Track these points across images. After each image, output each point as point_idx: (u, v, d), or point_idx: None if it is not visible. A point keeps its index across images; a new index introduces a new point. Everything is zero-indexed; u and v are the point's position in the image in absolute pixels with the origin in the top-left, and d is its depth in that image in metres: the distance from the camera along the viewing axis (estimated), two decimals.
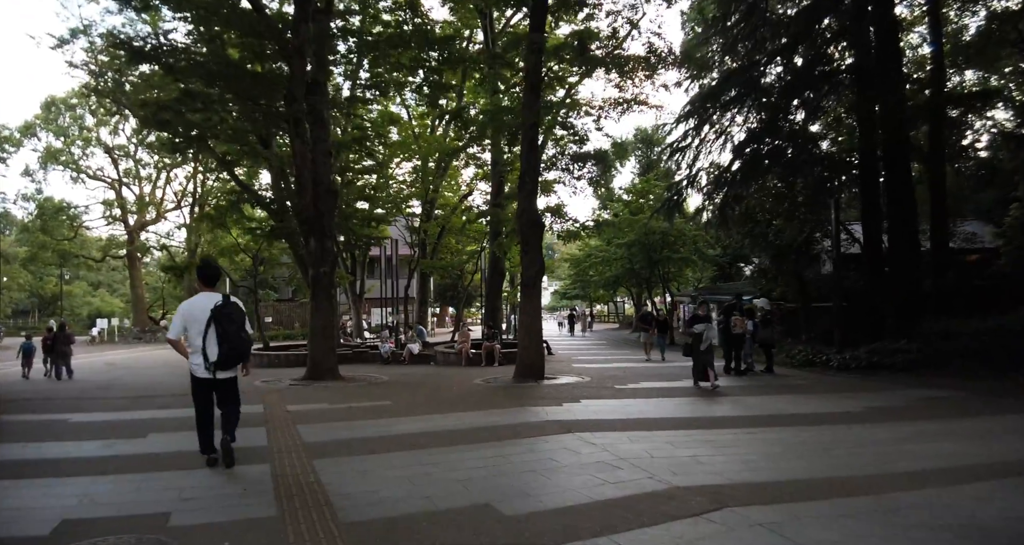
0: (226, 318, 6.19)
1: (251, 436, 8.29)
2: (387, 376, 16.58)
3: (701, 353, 12.33)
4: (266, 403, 11.91)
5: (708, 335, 12.44)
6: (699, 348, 12.36)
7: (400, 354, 20.98)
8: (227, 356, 6.21)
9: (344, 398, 12.36)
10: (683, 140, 18.89)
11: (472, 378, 15.30)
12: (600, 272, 32.39)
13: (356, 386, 14.53)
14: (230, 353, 6.22)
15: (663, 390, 12.39)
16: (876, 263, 18.82)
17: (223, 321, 6.16)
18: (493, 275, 21.88)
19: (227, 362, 6.26)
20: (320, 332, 15.88)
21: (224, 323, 6.17)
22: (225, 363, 6.25)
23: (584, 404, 10.53)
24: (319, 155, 15.80)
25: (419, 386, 14.25)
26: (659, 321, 19.39)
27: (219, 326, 6.15)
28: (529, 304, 14.35)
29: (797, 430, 8.05)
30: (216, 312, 6.16)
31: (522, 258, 14.72)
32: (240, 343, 6.30)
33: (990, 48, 21.23)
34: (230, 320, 6.22)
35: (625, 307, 56.85)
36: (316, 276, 15.87)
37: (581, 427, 8.19)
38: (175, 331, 6.39)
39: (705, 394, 11.66)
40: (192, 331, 6.27)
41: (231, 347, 6.19)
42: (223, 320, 6.17)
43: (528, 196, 14.40)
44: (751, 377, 15.01)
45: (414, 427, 8.65)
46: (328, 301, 15.97)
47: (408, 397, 12.23)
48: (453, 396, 12.23)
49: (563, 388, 12.90)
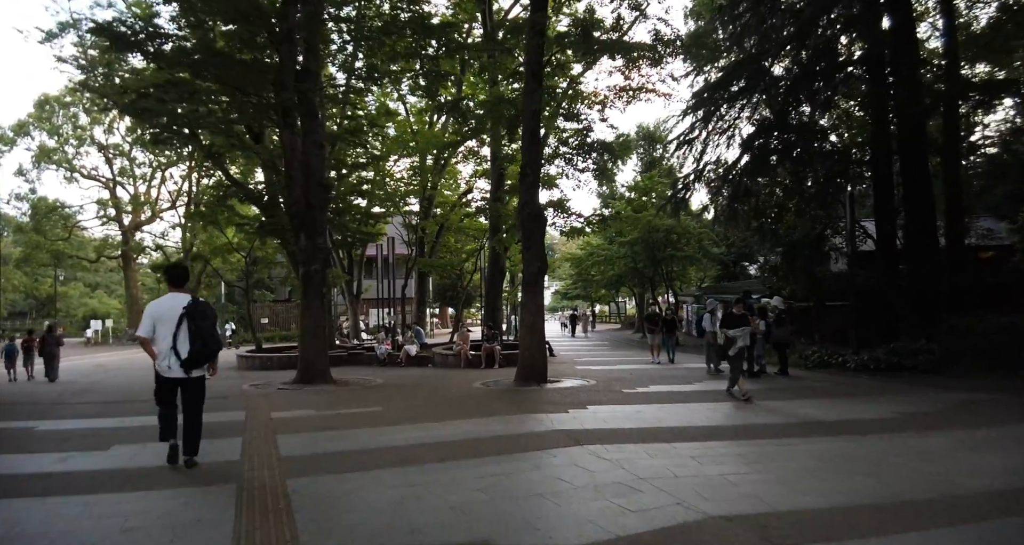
0: (200, 315, 6.19)
1: (225, 448, 7.45)
2: (382, 379, 15.71)
3: (732, 359, 11.22)
4: (250, 409, 11.05)
5: (737, 339, 11.03)
6: (729, 354, 11.21)
7: (397, 356, 20.12)
8: (199, 353, 6.18)
9: (334, 404, 11.48)
10: (690, 132, 18.02)
11: (471, 381, 14.42)
12: (602, 271, 31.50)
13: (348, 390, 13.65)
14: (202, 350, 6.19)
15: (676, 394, 11.50)
16: (890, 260, 17.94)
17: (197, 318, 6.15)
18: (493, 273, 20.96)
19: (199, 359, 6.22)
20: (311, 333, 15.01)
21: (198, 320, 6.16)
22: (196, 360, 6.20)
23: (592, 410, 9.64)
24: (310, 147, 14.93)
25: (415, 390, 13.37)
26: (666, 321, 18.40)
27: (192, 323, 6.12)
28: (531, 303, 13.47)
29: (832, 441, 7.16)
30: (189, 310, 6.15)
31: (523, 254, 13.84)
32: (213, 340, 6.29)
33: (1001, 41, 20.34)
34: (204, 317, 6.22)
35: (627, 307, 55.93)
36: (307, 274, 15.00)
37: (592, 438, 7.30)
38: (144, 329, 6.27)
39: (722, 399, 10.77)
40: (161, 331, 6.19)
41: (204, 344, 6.18)
42: (197, 317, 6.16)
43: (529, 189, 13.52)
44: (765, 380, 14.13)
45: (406, 438, 7.76)
46: (319, 301, 15.09)
47: (402, 402, 11.35)
48: (450, 401, 11.34)
49: (568, 392, 12.01)
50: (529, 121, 13.45)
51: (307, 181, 14.80)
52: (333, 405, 11.29)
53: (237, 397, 12.89)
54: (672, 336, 17.89)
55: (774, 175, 19.06)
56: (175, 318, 6.13)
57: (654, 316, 19.03)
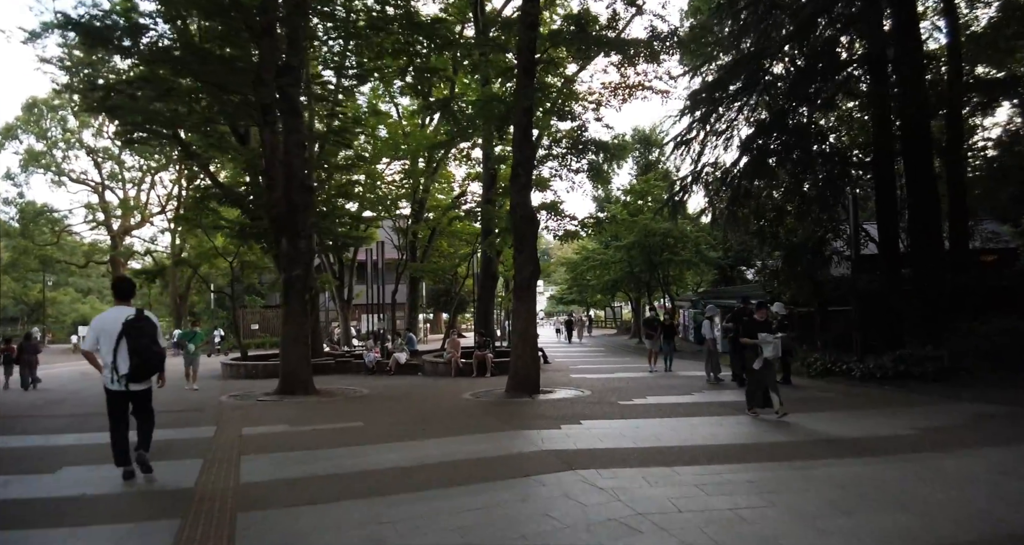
0: (137, 331, 6.12)
1: (182, 472, 6.73)
2: (368, 389, 14.96)
3: (757, 372, 9.67)
4: (222, 423, 10.32)
5: (766, 349, 9.50)
6: (754, 366, 9.68)
7: (386, 364, 19.36)
8: (137, 369, 6.14)
9: (312, 418, 10.74)
10: (688, 133, 17.34)
11: (461, 391, 13.69)
12: (598, 276, 30.79)
13: (330, 402, 12.90)
14: (140, 366, 6.15)
15: (675, 407, 10.77)
16: (893, 264, 17.27)
17: (134, 334, 6.10)
18: (485, 278, 20.22)
19: (138, 374, 6.18)
20: (292, 341, 14.27)
21: (135, 336, 6.11)
22: (135, 376, 6.16)
23: (586, 426, 8.92)
24: (292, 146, 14.23)
25: (401, 402, 12.63)
26: (665, 326, 17.75)
27: (130, 340, 6.09)
28: (523, 308, 12.75)
29: (851, 464, 6.44)
30: (127, 326, 6.11)
31: (515, 258, 13.13)
32: (151, 356, 6.21)
33: (1003, 41, 19.72)
34: (141, 333, 6.14)
35: (623, 312, 55.21)
36: (288, 279, 14.27)
37: (584, 461, 6.58)
38: (88, 343, 6.39)
39: (726, 413, 10.05)
40: (104, 345, 6.20)
41: (142, 360, 6.13)
42: (134, 333, 6.11)
43: (522, 190, 12.82)
44: None
45: (381, 460, 7.03)
46: (302, 307, 14.35)
47: (385, 416, 10.61)
48: (435, 415, 10.60)
49: (561, 404, 11.28)
50: (521, 119, 12.75)
51: (289, 182, 14.09)
52: (311, 419, 10.55)
53: (212, 410, 12.15)
54: (671, 343, 17.07)
55: (773, 177, 18.40)
56: (116, 333, 6.09)
57: (653, 321, 18.23)
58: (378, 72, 16.30)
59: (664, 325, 17.61)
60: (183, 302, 38.74)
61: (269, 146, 13.95)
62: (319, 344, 21.78)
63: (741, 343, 10.63)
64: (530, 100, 12.30)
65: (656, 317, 18.79)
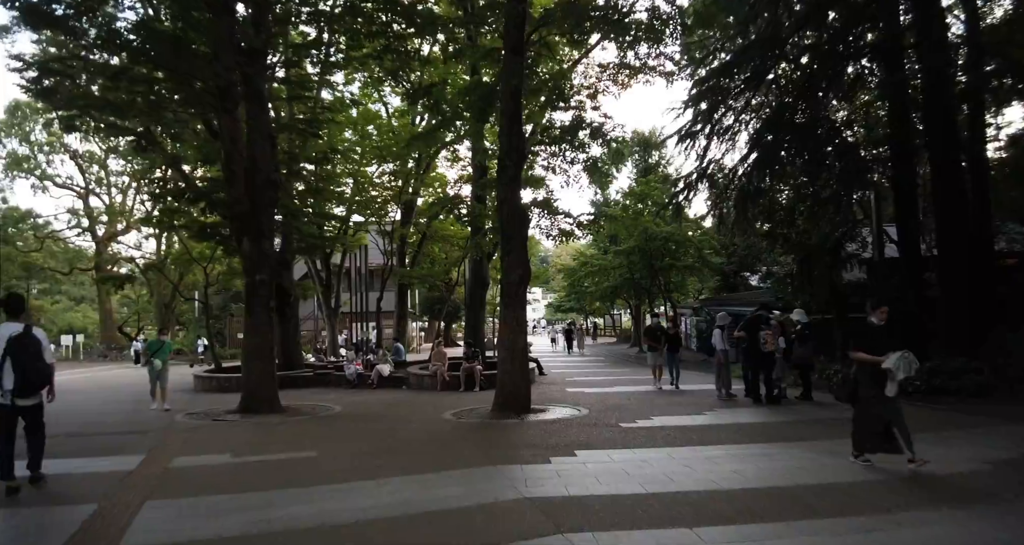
0: (21, 348, 6.16)
1: (55, 527, 5.14)
2: (341, 406, 13.33)
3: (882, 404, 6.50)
4: (155, 451, 8.72)
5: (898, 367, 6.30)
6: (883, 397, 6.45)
7: (368, 377, 17.70)
8: (22, 385, 6.18)
9: (264, 444, 9.10)
10: (693, 125, 15.76)
11: (443, 409, 12.05)
12: (597, 282, 29.17)
13: (294, 423, 11.25)
14: (24, 381, 6.19)
15: (686, 433, 9.12)
16: (914, 268, 15.66)
17: (18, 350, 6.15)
18: (475, 284, 18.56)
19: (23, 390, 6.22)
20: (255, 354, 12.66)
21: (18, 352, 6.15)
22: (21, 391, 6.21)
23: (581, 458, 7.29)
24: (257, 138, 12.68)
25: (372, 423, 10.98)
26: (669, 336, 15.38)
27: (14, 356, 6.12)
28: (511, 316, 11.13)
29: (938, 523, 4.81)
30: (12, 342, 6.16)
31: (502, 260, 11.54)
32: (35, 372, 6.26)
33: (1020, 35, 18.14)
34: (24, 349, 6.17)
35: (622, 320, 53.49)
36: (251, 285, 12.68)
37: (576, 517, 4.97)
38: None
39: (747, 441, 8.42)
40: None
41: (25, 376, 6.17)
42: (18, 349, 6.15)
43: (509, 182, 11.23)
44: (787, 406, 11.81)
45: (315, 510, 5.41)
46: (266, 315, 12.73)
47: (347, 444, 8.96)
48: (405, 442, 8.95)
49: (553, 427, 9.64)
50: (508, 103, 11.18)
51: (252, 177, 12.51)
52: (263, 446, 8.92)
53: (157, 432, 10.52)
54: (676, 354, 15.19)
55: (784, 175, 16.82)
56: (1, 349, 6.12)
57: (656, 331, 15.72)
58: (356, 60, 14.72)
59: (669, 335, 15.47)
60: (169, 310, 37.07)
61: (229, 136, 12.37)
62: (298, 355, 20.15)
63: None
64: (518, 79, 10.72)
65: (659, 326, 16.26)
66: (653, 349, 15.29)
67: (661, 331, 15.59)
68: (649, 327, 16.68)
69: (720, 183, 16.69)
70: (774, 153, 15.74)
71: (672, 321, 15.71)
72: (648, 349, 15.66)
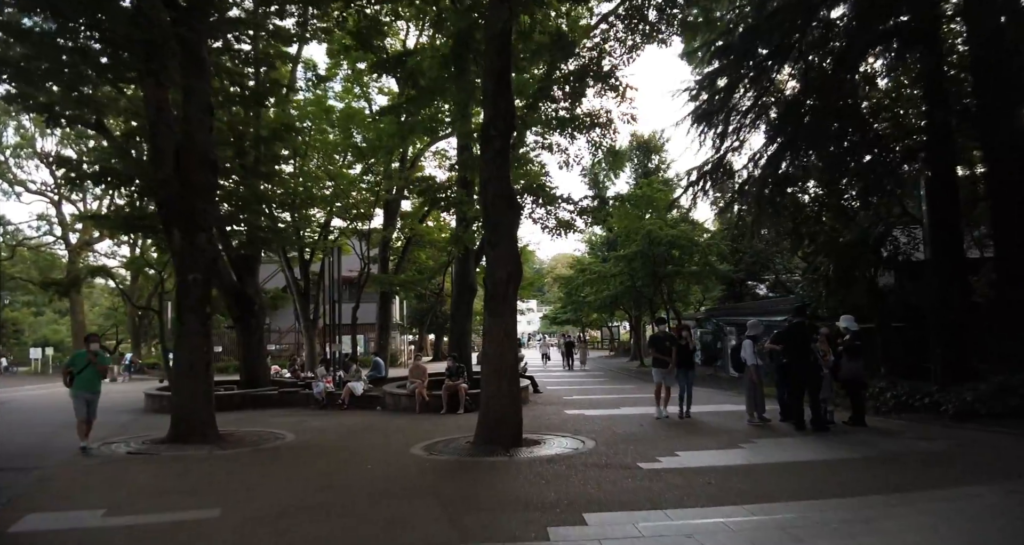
0: None
1: None
2: (295, 433, 10.83)
3: None
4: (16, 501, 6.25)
5: None
6: None
7: (339, 396, 15.19)
8: None
9: (158, 495, 6.62)
10: (710, 104, 13.43)
11: (416, 439, 9.58)
12: (596, 291, 26.69)
13: (221, 460, 8.74)
14: None
15: (732, 477, 6.66)
16: (954, 271, 13.23)
17: None
18: (461, 290, 16.05)
19: None
20: (186, 372, 10.19)
21: None
22: None
23: (594, 530, 4.85)
24: (192, 110, 10.28)
25: (320, 460, 8.47)
26: (680, 346, 11.61)
27: None
28: (498, 325, 8.69)
29: None
30: None
31: (487, 254, 9.13)
32: None
33: None
34: None
35: (620, 332, 50.92)
36: (182, 287, 10.25)
37: None
38: None
39: (824, 489, 5.98)
40: None
41: None
42: None
43: (496, 158, 8.85)
44: (839, 434, 9.37)
45: None
46: (200, 324, 10.25)
47: (270, 496, 6.46)
48: (352, 495, 6.45)
49: (551, 469, 7.17)
50: (494, 59, 8.82)
51: (184, 156, 10.11)
52: (155, 499, 6.45)
53: (46, 469, 8.07)
54: (691, 372, 11.68)
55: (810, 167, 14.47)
56: None
57: (663, 340, 11.69)
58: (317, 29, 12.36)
59: (680, 346, 11.62)
60: (144, 320, 34.40)
61: (154, 104, 10.01)
62: (263, 372, 17.62)
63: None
64: (505, 23, 8.36)
65: (668, 334, 12.06)
66: (661, 364, 11.48)
67: (671, 340, 11.67)
68: (655, 336, 12.37)
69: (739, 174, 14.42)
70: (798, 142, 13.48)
71: (679, 329, 12.42)
72: (653, 364, 11.83)
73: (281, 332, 33.43)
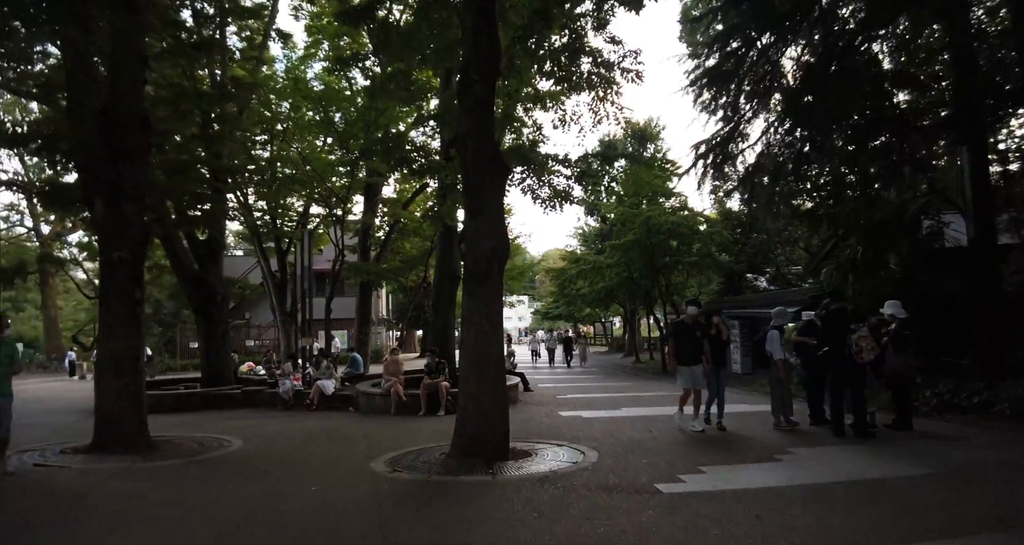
0: None
1: None
2: (245, 439, 9.14)
3: None
4: None
5: None
6: None
7: (307, 395, 13.48)
8: None
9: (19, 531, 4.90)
10: (723, 63, 11.77)
11: (383, 446, 7.94)
12: (592, 283, 24.98)
13: (138, 475, 7.02)
14: None
15: (784, 505, 5.03)
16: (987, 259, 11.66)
17: None
18: (443, 277, 14.26)
19: None
20: (112, 368, 8.43)
21: None
22: None
23: None
24: (124, 58, 8.55)
25: (261, 479, 6.75)
26: (712, 336, 8.95)
27: None
28: (479, 311, 7.00)
29: None
30: None
31: (466, 225, 7.46)
32: None
33: None
34: None
35: (613, 328, 49.27)
36: (107, 263, 8.56)
37: None
38: None
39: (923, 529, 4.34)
40: None
41: None
42: None
43: (476, 108, 7.16)
44: (887, 440, 7.76)
45: None
46: (129, 311, 8.52)
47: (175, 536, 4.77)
48: (277, 532, 4.76)
49: (545, 493, 5.50)
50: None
51: (111, 113, 8.37)
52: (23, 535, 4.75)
53: None
54: (723, 371, 9.03)
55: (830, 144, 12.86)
56: None
57: (690, 329, 8.85)
58: None
59: (711, 337, 8.93)
60: None
61: (71, 47, 8.24)
62: (227, 369, 15.87)
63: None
64: None
65: (697, 322, 9.03)
66: (689, 361, 8.55)
67: (701, 331, 8.86)
68: (682, 325, 9.07)
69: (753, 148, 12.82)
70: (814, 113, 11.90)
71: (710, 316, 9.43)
72: (679, 362, 8.70)
73: (261, 327, 31.61)
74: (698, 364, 8.59)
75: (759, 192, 13.24)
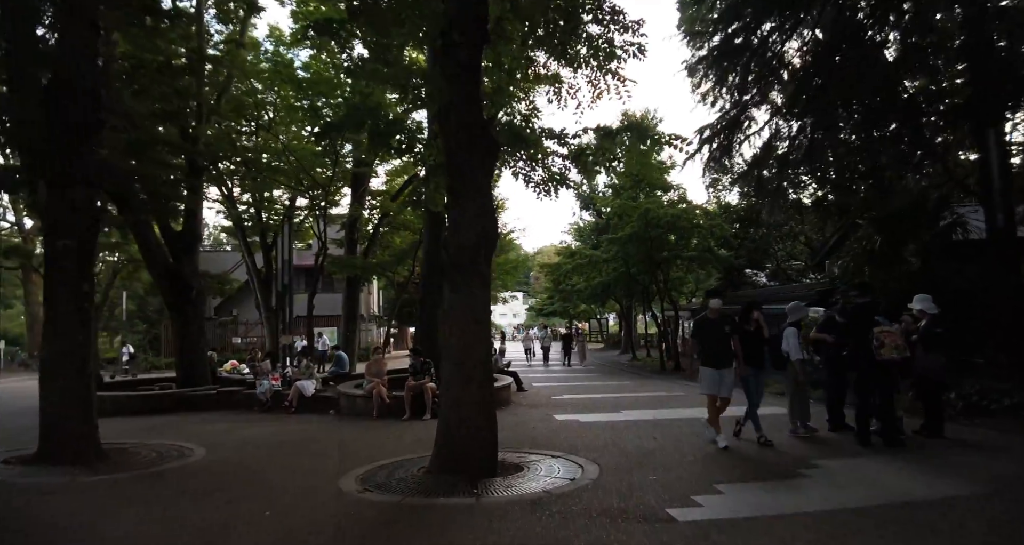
0: None
1: None
2: (209, 447, 8.25)
3: None
4: None
5: None
6: None
7: (285, 396, 12.57)
8: None
9: None
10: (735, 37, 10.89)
11: (358, 457, 7.06)
12: (588, 278, 24.12)
13: (77, 492, 6.13)
14: None
15: (817, 533, 4.17)
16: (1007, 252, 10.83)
17: None
18: (430, 271, 13.35)
19: None
20: (56, 370, 7.52)
21: None
22: None
23: None
24: (72, 23, 7.63)
25: (212, 497, 5.84)
26: (749, 334, 7.68)
27: None
28: (463, 305, 6.11)
29: None
30: None
31: (449, 209, 6.57)
32: None
33: None
34: None
35: (609, 324, 48.44)
36: (52, 253, 7.62)
37: None
38: None
39: None
40: None
41: None
42: None
43: (461, 75, 6.28)
44: (915, 450, 6.91)
45: None
46: (75, 307, 7.60)
47: None
48: None
49: (538, 522, 4.62)
50: None
51: (59, 87, 7.46)
52: None
53: None
54: (761, 374, 7.74)
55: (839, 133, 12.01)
56: None
57: (715, 325, 7.40)
58: None
59: (745, 332, 7.64)
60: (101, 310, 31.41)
61: (12, 12, 7.32)
62: (202, 367, 14.91)
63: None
64: None
65: (727, 315, 7.65)
66: (716, 362, 7.24)
67: (731, 326, 7.45)
68: (704, 321, 7.63)
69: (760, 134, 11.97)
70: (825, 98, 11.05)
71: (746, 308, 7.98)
72: (702, 363, 7.43)
73: (248, 325, 30.67)
74: (727, 367, 7.25)
75: (765, 181, 12.40)
